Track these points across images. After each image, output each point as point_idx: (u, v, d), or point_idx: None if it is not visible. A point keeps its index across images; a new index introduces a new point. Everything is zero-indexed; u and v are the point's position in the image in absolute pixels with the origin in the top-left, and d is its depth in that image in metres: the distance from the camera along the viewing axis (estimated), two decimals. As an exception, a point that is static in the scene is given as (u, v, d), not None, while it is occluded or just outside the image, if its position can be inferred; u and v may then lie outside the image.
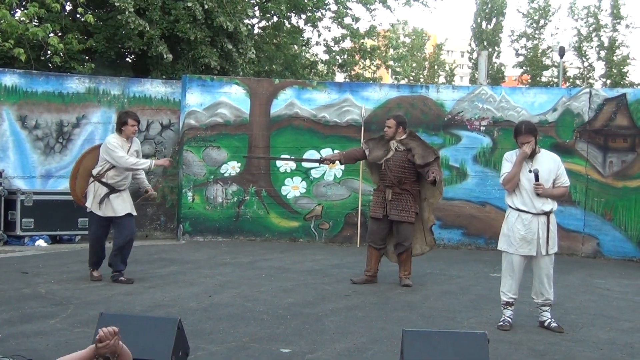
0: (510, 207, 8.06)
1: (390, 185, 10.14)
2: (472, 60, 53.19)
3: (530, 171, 7.87)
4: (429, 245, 10.64)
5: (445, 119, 14.75)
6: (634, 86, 37.27)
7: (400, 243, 10.26)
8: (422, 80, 53.70)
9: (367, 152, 10.38)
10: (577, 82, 41.33)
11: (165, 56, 17.26)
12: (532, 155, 7.93)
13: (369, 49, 26.47)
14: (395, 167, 10.13)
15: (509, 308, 8.11)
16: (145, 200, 10.67)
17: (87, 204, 9.73)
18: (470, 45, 54.35)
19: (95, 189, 9.67)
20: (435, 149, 10.67)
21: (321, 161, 10.84)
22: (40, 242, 13.41)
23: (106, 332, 4.29)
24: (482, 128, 14.66)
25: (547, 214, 7.91)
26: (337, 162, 10.94)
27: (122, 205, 9.75)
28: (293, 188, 14.70)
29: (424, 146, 10.29)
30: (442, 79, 56.51)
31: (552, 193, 7.94)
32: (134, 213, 9.94)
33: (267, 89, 14.97)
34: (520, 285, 8.19)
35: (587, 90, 15.03)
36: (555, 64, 44.68)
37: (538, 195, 7.85)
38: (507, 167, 8.02)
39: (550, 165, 7.98)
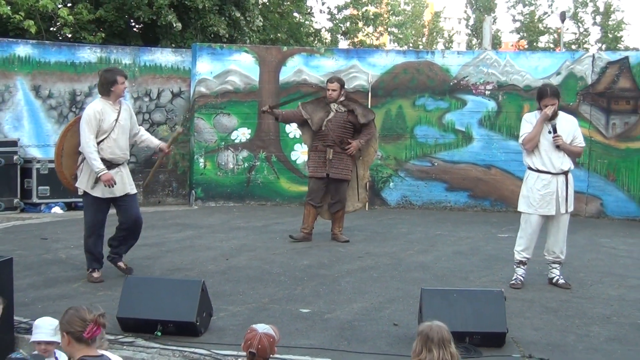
0: (530, 168, 8.02)
1: (331, 144, 10.14)
2: (469, 27, 52.97)
3: (549, 132, 7.87)
4: (362, 202, 10.77)
5: (451, 83, 14.63)
6: (630, 49, 37.03)
7: (338, 201, 10.35)
8: (420, 46, 53.43)
9: (309, 121, 10.24)
10: (573, 47, 41.13)
11: (174, 25, 17.09)
12: (552, 117, 7.92)
13: (371, 16, 26.32)
14: (336, 128, 10.14)
15: (522, 267, 8.12)
16: (160, 167, 9.33)
17: (79, 185, 7.96)
18: (465, 12, 54.06)
19: (88, 167, 7.82)
20: (371, 109, 10.72)
21: (264, 111, 10.46)
22: (57, 209, 13.39)
23: None
24: (487, 92, 14.54)
25: (565, 173, 7.91)
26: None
27: (120, 184, 7.97)
28: (302, 153, 14.55)
29: (362, 106, 10.51)
30: (440, 46, 56.25)
31: (570, 148, 7.93)
32: (134, 191, 8.23)
33: (276, 57, 14.86)
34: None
35: (591, 53, 14.92)
36: (551, 30, 44.53)
37: (558, 147, 7.84)
38: (527, 127, 8.01)
39: (568, 126, 8.01)
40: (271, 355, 4.60)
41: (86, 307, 4.21)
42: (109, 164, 7.82)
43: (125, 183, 8.05)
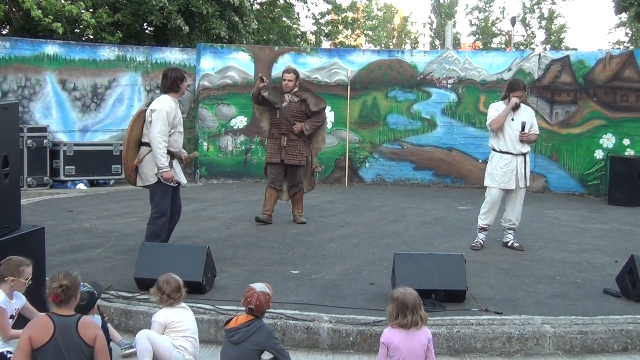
0: (495, 149, 8.12)
1: (285, 132, 9.40)
2: (432, 30, 52.92)
3: (513, 119, 7.96)
4: (311, 185, 9.96)
5: (418, 78, 14.57)
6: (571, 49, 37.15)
7: (295, 184, 9.70)
8: (391, 46, 53.31)
9: (265, 93, 9.35)
10: (521, 47, 41.13)
11: (182, 28, 16.92)
12: (516, 108, 7.98)
13: (350, 21, 26.23)
14: (289, 116, 9.42)
15: (483, 232, 8.24)
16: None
17: (151, 179, 7.11)
18: (430, 17, 53.95)
19: (153, 159, 7.06)
20: (323, 99, 9.90)
21: (261, 79, 9.36)
22: (81, 186, 13.30)
23: None
24: (448, 86, 14.49)
25: (524, 154, 8.05)
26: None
27: (182, 172, 7.46)
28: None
29: (315, 95, 9.72)
30: (407, 46, 56.13)
31: (529, 139, 8.07)
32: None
33: (269, 55, 14.76)
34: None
35: (537, 53, 14.91)
36: (503, 32, 44.54)
37: (521, 141, 7.97)
38: (493, 113, 8.06)
39: (528, 116, 8.09)
40: (267, 310, 4.60)
41: (65, 274, 4.04)
42: (172, 155, 7.17)
43: (182, 173, 7.49)
